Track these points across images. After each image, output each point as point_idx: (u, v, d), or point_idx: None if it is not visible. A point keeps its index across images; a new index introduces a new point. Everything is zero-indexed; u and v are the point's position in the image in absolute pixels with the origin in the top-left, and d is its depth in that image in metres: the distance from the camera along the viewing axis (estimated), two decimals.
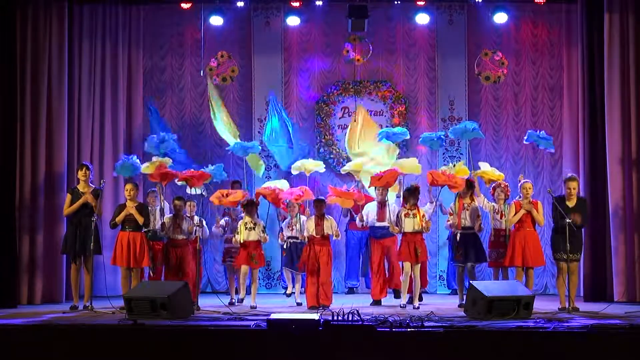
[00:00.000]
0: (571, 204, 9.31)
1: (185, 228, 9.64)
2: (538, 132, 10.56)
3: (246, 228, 9.78)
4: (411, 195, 9.69)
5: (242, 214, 10.06)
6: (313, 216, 9.85)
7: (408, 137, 11.21)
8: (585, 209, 9.48)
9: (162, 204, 10.05)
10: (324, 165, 11.20)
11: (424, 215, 9.66)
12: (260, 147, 11.41)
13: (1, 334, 7.37)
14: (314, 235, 9.70)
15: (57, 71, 10.65)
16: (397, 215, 9.78)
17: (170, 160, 10.20)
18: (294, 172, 10.92)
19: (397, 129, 11.05)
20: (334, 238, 9.90)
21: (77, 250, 9.52)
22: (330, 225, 9.74)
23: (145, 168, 9.98)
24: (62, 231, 10.20)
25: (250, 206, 9.89)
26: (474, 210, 9.80)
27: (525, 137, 10.58)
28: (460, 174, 9.86)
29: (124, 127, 11.59)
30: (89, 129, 11.28)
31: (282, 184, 10.57)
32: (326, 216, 9.81)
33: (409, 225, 9.64)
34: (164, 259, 9.74)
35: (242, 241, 9.76)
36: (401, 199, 9.95)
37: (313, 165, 10.86)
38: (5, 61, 10.16)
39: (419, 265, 9.68)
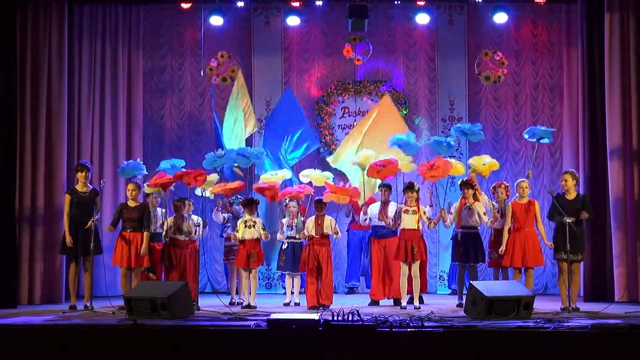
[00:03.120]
0: (570, 197, 9.34)
1: (185, 228, 9.65)
2: (536, 126, 10.43)
3: (245, 226, 9.78)
4: (410, 191, 9.70)
5: (243, 212, 10.06)
6: (313, 216, 9.85)
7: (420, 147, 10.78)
8: (588, 204, 9.46)
9: (166, 210, 10.03)
10: (332, 177, 10.61)
11: (424, 213, 9.68)
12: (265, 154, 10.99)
13: (1, 334, 7.37)
14: (314, 235, 9.70)
15: (57, 71, 10.65)
16: (397, 211, 9.78)
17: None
18: (302, 179, 10.74)
19: (411, 139, 10.53)
20: (335, 237, 9.90)
21: (78, 250, 9.52)
22: (330, 224, 9.74)
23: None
24: (62, 231, 10.18)
25: (249, 204, 9.89)
26: (480, 210, 9.77)
27: (527, 135, 10.36)
28: (493, 168, 10.01)
29: (124, 127, 11.59)
30: (89, 129, 11.29)
31: (284, 174, 10.46)
32: (326, 216, 9.81)
33: (407, 222, 9.64)
34: (165, 259, 9.74)
35: (241, 238, 9.77)
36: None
37: (321, 180, 10.36)
38: (5, 61, 10.16)
39: (417, 263, 9.67)
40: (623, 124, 10.42)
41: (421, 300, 9.98)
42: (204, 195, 10.09)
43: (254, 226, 9.79)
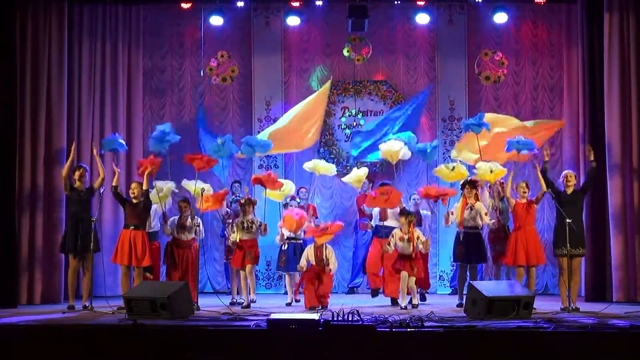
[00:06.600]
0: (569, 192, 9.41)
1: (188, 224, 9.65)
2: (516, 139, 10.16)
3: (242, 227, 9.77)
4: (405, 218, 9.65)
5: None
6: (312, 244, 9.78)
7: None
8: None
9: (165, 207, 10.02)
10: (335, 169, 10.98)
11: (418, 237, 9.63)
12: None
13: (1, 334, 7.37)
14: (314, 264, 9.63)
15: (57, 71, 10.64)
16: (392, 236, 9.67)
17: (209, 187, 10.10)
18: (306, 168, 10.82)
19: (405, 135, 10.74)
20: (328, 270, 9.65)
21: (77, 248, 9.53)
22: (329, 256, 9.63)
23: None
24: (62, 232, 10.18)
25: (247, 205, 9.87)
26: (481, 210, 9.79)
27: (506, 147, 10.15)
28: (459, 177, 9.97)
29: (124, 127, 11.58)
30: (89, 129, 11.28)
31: (287, 185, 10.39)
32: (325, 245, 9.72)
33: (403, 249, 9.61)
34: (167, 258, 9.74)
35: (237, 240, 9.75)
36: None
37: (325, 169, 10.62)
38: (5, 61, 10.16)
39: (414, 278, 9.64)
40: (622, 123, 10.42)
41: (423, 297, 10.00)
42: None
43: (250, 227, 9.77)
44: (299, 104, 11.27)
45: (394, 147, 10.30)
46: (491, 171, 9.85)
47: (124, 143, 10.40)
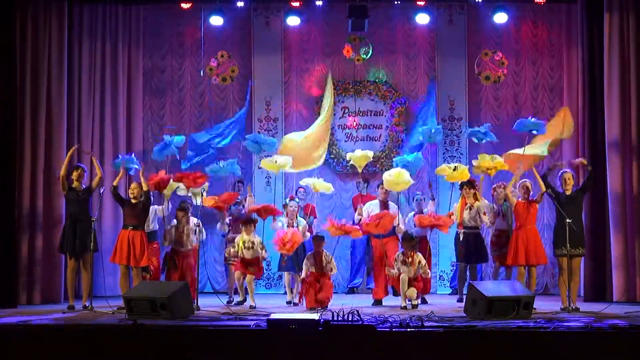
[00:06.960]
0: (568, 192, 9.38)
1: (186, 241, 9.65)
2: (528, 118, 10.26)
3: (244, 247, 9.73)
4: (408, 242, 9.62)
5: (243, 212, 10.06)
6: (311, 253, 9.76)
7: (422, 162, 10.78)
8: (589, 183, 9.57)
9: (167, 211, 10.01)
10: (333, 189, 10.73)
11: (420, 262, 9.60)
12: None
13: (1, 334, 7.37)
14: (314, 272, 9.61)
15: (57, 71, 10.65)
16: (395, 259, 9.65)
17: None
18: (302, 183, 10.76)
19: (411, 157, 10.51)
20: (329, 273, 9.68)
21: (76, 248, 9.52)
22: (329, 261, 9.63)
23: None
24: (61, 232, 10.18)
25: (248, 223, 9.84)
26: (480, 209, 9.80)
27: (515, 126, 10.22)
28: (461, 177, 9.92)
29: (124, 127, 11.59)
30: (89, 129, 11.28)
31: (285, 161, 10.28)
32: (324, 252, 9.70)
33: (406, 272, 9.54)
34: (168, 263, 9.72)
35: (238, 253, 9.75)
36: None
37: (322, 187, 10.41)
38: (5, 61, 10.16)
39: (414, 289, 9.59)
40: (622, 123, 10.42)
41: (424, 301, 9.99)
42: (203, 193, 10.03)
43: (252, 247, 9.74)
44: (309, 130, 11.09)
45: (399, 179, 10.11)
46: (493, 163, 9.86)
47: (137, 165, 10.25)
